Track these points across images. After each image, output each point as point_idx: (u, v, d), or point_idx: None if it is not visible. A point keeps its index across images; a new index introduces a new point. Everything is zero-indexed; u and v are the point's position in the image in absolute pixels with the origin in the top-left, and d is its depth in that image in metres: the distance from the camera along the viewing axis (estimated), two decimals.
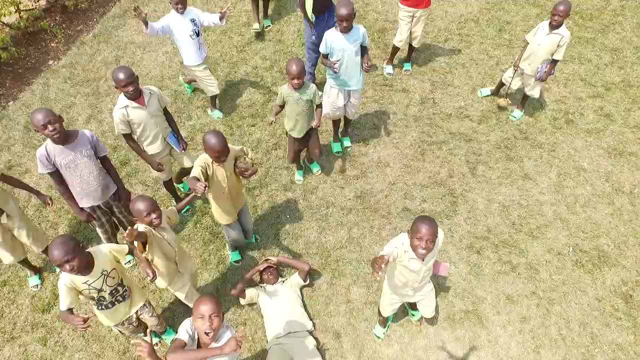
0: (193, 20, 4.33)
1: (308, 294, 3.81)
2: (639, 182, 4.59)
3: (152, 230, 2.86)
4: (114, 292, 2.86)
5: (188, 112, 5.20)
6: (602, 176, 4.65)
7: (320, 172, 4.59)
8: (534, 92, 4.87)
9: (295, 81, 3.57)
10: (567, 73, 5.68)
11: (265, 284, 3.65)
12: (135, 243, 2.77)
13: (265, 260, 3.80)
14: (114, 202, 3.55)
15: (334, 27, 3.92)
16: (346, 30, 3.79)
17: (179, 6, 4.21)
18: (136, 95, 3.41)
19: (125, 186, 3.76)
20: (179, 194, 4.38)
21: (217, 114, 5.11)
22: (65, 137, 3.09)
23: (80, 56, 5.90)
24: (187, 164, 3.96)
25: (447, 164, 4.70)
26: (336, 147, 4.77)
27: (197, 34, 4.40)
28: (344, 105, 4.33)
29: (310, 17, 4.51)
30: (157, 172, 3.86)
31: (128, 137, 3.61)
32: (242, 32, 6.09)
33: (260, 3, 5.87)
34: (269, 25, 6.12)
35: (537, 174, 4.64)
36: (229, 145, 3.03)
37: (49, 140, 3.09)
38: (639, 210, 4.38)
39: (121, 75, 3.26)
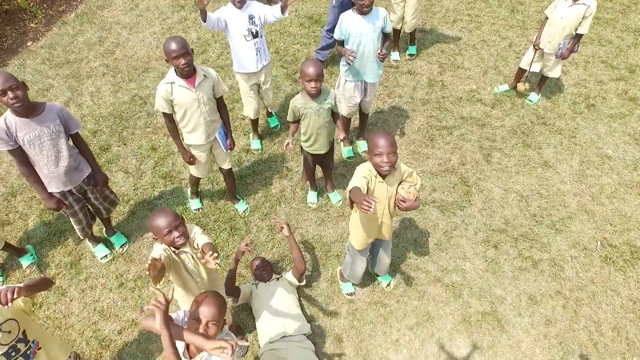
0: (251, 18, 3.41)
1: (306, 293, 3.40)
2: None
3: (172, 253, 2.32)
4: (10, 352, 2.13)
5: None
6: (630, 165, 4.22)
7: (340, 203, 3.89)
8: (553, 72, 4.44)
9: (313, 84, 2.98)
10: (586, 55, 5.26)
11: (257, 281, 3.22)
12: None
13: (277, 223, 3.14)
14: (88, 187, 3.10)
15: (350, 9, 3.38)
16: (366, 10, 3.25)
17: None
18: (187, 73, 2.89)
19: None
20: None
21: (255, 144, 4.26)
22: (29, 109, 2.66)
23: (61, 37, 5.51)
24: (226, 166, 3.51)
25: (458, 151, 4.28)
26: (348, 152, 4.19)
27: (255, 35, 3.47)
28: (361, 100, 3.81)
29: None
30: (190, 166, 3.41)
31: (167, 116, 3.10)
32: None
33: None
34: None
35: (557, 162, 4.22)
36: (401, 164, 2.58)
37: (9, 112, 2.65)
38: None
39: (173, 45, 2.76)
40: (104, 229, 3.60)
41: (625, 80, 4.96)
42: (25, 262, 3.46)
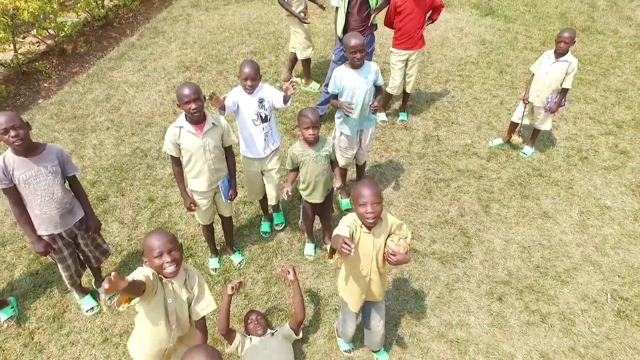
0: (261, 101, 3.28)
1: (302, 349, 3.20)
2: None
3: (158, 280, 2.13)
4: None
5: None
6: (630, 215, 4.19)
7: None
8: (544, 125, 4.57)
9: (311, 131, 3.03)
10: (574, 112, 5.43)
11: (251, 335, 3.04)
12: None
13: (284, 268, 3.02)
14: (80, 232, 3.03)
15: (343, 64, 3.53)
16: (358, 64, 3.39)
17: (248, 83, 3.18)
18: (197, 119, 2.91)
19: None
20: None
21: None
22: (29, 148, 2.68)
23: (71, 94, 5.73)
24: (226, 214, 3.49)
25: (456, 202, 4.26)
26: (345, 204, 4.14)
27: (264, 119, 3.34)
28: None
29: (339, 35, 4.42)
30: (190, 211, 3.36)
31: (174, 159, 3.11)
32: (238, 72, 5.94)
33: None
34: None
35: (556, 213, 4.19)
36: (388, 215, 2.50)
37: (9, 151, 2.67)
38: None
39: (185, 90, 2.80)
40: (93, 280, 3.48)
41: (614, 135, 5.09)
42: (3, 315, 3.30)
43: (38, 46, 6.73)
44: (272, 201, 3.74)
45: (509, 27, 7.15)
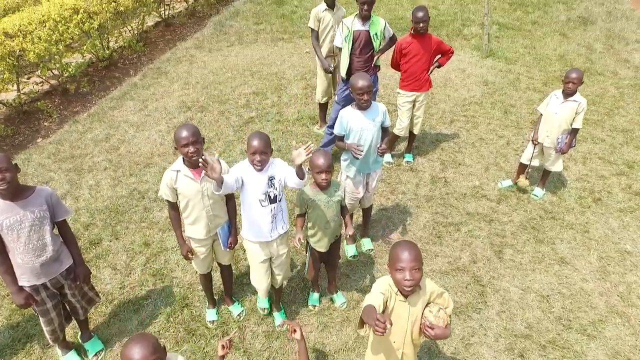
0: (271, 179, 2.80)
1: None
2: None
3: None
4: None
5: None
6: None
7: (345, 305, 3.53)
8: (555, 166, 4.44)
9: (324, 176, 2.81)
10: (582, 152, 5.32)
11: None
12: None
13: (290, 326, 2.56)
14: (66, 281, 2.80)
15: (350, 105, 3.40)
16: (365, 106, 3.27)
17: (257, 158, 2.68)
18: (195, 163, 2.68)
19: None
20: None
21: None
22: (15, 192, 2.51)
23: (70, 134, 5.65)
24: (225, 262, 3.27)
25: (468, 248, 4.05)
26: (351, 250, 3.95)
27: (273, 200, 2.85)
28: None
29: (342, 76, 4.35)
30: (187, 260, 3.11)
31: (171, 204, 2.91)
32: (241, 113, 5.89)
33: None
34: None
35: (574, 258, 3.97)
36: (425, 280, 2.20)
37: None
38: None
39: (184, 132, 2.60)
40: (79, 333, 3.21)
41: (626, 175, 4.95)
42: None
43: (42, 86, 6.74)
44: (276, 284, 3.23)
45: (510, 68, 7.18)
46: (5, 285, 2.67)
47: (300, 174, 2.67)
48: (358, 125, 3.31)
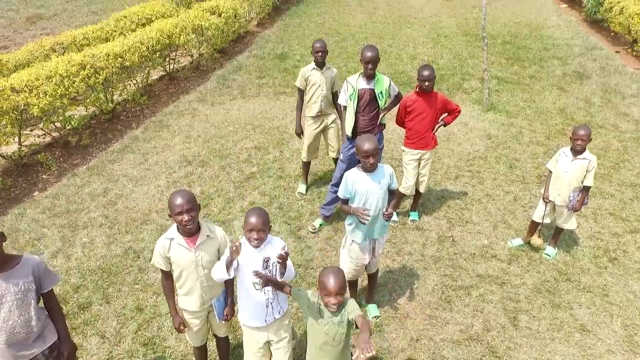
0: (266, 261, 2.64)
1: None
2: None
3: None
4: None
5: None
6: None
7: None
8: (569, 224, 4.28)
9: (333, 300, 2.38)
10: (592, 208, 5.18)
11: None
12: None
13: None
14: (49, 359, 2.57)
15: (355, 167, 3.28)
16: (371, 169, 3.15)
17: (254, 235, 2.55)
18: (189, 231, 2.60)
19: (74, 336, 2.82)
20: None
21: None
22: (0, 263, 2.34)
23: (68, 187, 5.56)
24: (221, 334, 3.05)
25: (480, 314, 3.81)
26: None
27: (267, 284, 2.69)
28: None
29: (348, 134, 4.30)
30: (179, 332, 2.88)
31: (164, 273, 2.76)
32: (242, 168, 5.81)
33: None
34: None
35: (596, 325, 3.72)
36: None
37: None
38: None
39: (178, 200, 2.49)
40: None
41: None
42: None
43: (43, 138, 6.72)
44: None
45: (512, 121, 7.20)
46: None
47: (285, 273, 2.58)
48: (364, 188, 3.18)
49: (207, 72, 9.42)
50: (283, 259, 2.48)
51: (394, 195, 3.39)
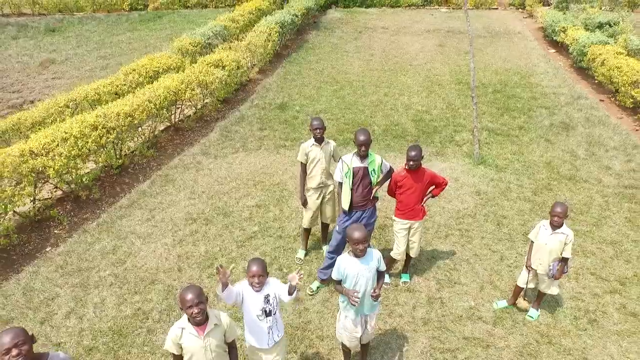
0: (267, 297, 3.35)
1: None
2: None
3: None
4: None
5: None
6: None
7: None
8: (551, 290, 4.61)
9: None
10: (574, 267, 5.49)
11: None
12: None
13: None
14: None
15: (346, 253, 3.66)
16: (361, 255, 3.53)
17: (256, 280, 3.25)
18: (198, 322, 2.97)
19: None
20: None
21: None
22: None
23: (79, 244, 5.88)
24: None
25: None
26: None
27: (268, 314, 3.40)
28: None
29: (344, 209, 4.64)
30: None
31: (175, 357, 3.10)
32: (244, 226, 6.16)
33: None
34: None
35: None
36: None
37: None
38: None
39: (188, 295, 2.86)
40: None
41: (619, 293, 5.07)
42: None
43: (55, 192, 7.09)
44: None
45: (501, 176, 7.59)
46: None
47: (291, 291, 3.35)
48: (354, 272, 3.53)
49: (210, 122, 9.89)
50: (291, 290, 3.35)
51: (382, 276, 3.73)
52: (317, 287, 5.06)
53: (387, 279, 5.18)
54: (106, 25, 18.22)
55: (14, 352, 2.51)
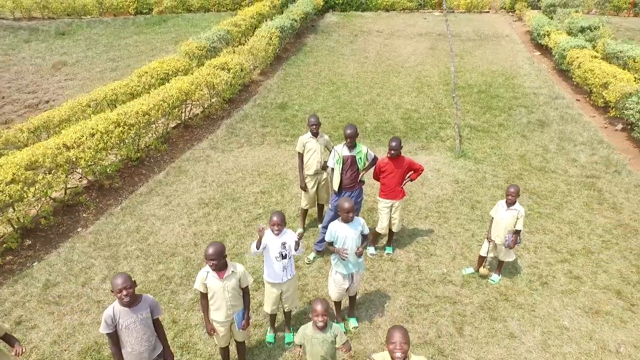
0: (284, 244, 4.34)
1: None
2: (622, 341, 4.82)
3: None
4: None
5: None
6: (585, 335, 4.89)
7: None
8: (507, 257, 5.51)
9: (320, 318, 3.53)
10: (534, 242, 6.41)
11: None
12: None
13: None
14: None
15: (337, 220, 4.57)
16: (350, 220, 4.43)
17: (276, 228, 4.28)
18: (217, 269, 3.83)
19: None
20: None
21: (270, 338, 4.80)
22: (132, 301, 3.50)
23: (106, 225, 6.75)
24: (238, 337, 4.26)
25: (434, 325, 4.99)
26: (340, 327, 4.88)
27: (284, 257, 4.38)
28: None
29: (335, 189, 5.54)
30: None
31: (202, 295, 3.98)
32: (250, 209, 7.07)
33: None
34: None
35: (521, 333, 4.89)
36: None
37: (116, 302, 3.50)
38: None
39: (210, 250, 3.72)
40: None
41: (568, 262, 5.99)
42: None
43: (81, 181, 7.99)
44: (287, 308, 4.69)
45: (478, 167, 8.51)
46: None
47: (296, 247, 4.34)
48: (343, 234, 4.47)
49: (216, 121, 10.78)
50: (297, 241, 4.35)
51: (366, 238, 4.65)
52: (314, 257, 5.98)
53: (373, 250, 6.10)
54: (113, 29, 19.06)
55: (124, 292, 3.42)
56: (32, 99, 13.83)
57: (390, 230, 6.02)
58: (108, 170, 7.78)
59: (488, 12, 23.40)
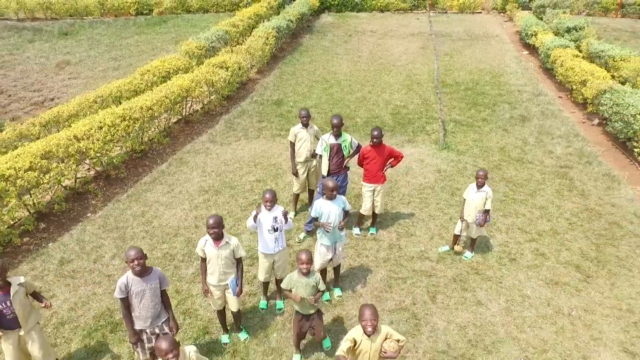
0: (275, 218, 4.83)
1: None
2: (575, 306, 5.42)
3: None
4: None
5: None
6: (544, 302, 5.49)
7: (330, 347, 4.81)
8: (479, 233, 6.09)
9: (305, 266, 4.22)
10: (507, 224, 7.01)
11: None
12: None
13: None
14: (161, 331, 4.24)
15: (322, 197, 5.18)
16: (333, 197, 5.02)
17: (268, 204, 4.79)
18: (215, 238, 4.38)
19: None
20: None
21: (263, 304, 5.39)
22: (142, 271, 4.04)
23: (113, 210, 7.34)
24: (233, 307, 4.76)
25: (410, 294, 5.58)
26: (325, 295, 5.44)
27: (275, 230, 4.88)
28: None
29: (323, 174, 6.15)
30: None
31: (202, 259, 4.55)
32: (246, 196, 7.66)
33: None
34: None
35: (488, 301, 5.49)
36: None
37: (129, 272, 4.05)
38: (578, 329, 5.11)
39: (210, 221, 4.30)
40: None
41: (535, 241, 6.59)
42: None
43: (88, 171, 8.56)
44: (278, 276, 5.17)
45: (460, 158, 9.10)
46: (126, 326, 4.19)
47: (285, 219, 4.86)
48: (327, 210, 5.08)
49: (215, 116, 11.35)
50: (285, 214, 4.83)
51: (347, 214, 5.24)
52: (304, 237, 6.57)
53: (357, 230, 6.70)
54: (115, 29, 19.62)
55: (136, 262, 3.97)
56: (37, 97, 14.32)
57: (373, 212, 6.60)
58: (115, 161, 8.35)
59: (480, 12, 23.95)
